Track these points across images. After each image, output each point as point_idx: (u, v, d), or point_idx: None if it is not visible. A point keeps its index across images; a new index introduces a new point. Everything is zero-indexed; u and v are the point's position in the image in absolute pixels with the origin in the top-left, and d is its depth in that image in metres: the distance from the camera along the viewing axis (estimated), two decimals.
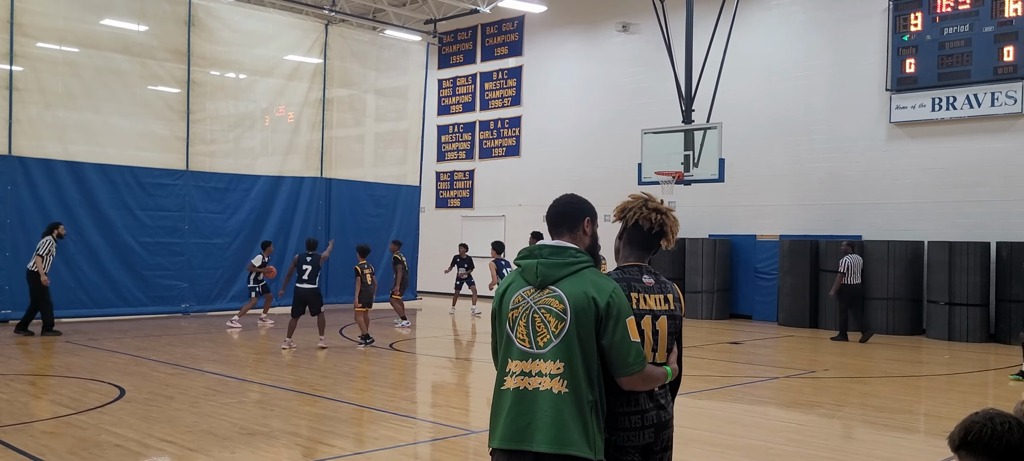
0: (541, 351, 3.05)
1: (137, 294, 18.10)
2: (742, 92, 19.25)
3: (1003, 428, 2.43)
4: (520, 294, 3.15)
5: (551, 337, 3.05)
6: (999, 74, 16.28)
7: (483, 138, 25.87)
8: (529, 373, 3.06)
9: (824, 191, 18.78)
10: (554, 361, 3.03)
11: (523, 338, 3.10)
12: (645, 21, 20.68)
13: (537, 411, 3.01)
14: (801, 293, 18.19)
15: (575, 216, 3.28)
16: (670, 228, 3.48)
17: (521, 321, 3.11)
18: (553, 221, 3.30)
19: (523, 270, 3.19)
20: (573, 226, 3.27)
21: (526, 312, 3.11)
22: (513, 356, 3.11)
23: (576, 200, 3.36)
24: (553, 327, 3.05)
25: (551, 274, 3.12)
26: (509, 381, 3.10)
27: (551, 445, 2.97)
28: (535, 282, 3.13)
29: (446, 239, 26.34)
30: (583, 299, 3.05)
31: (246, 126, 20.16)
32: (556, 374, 3.02)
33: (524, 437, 3.01)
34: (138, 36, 18.12)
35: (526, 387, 3.05)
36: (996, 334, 15.97)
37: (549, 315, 3.06)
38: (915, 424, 9.42)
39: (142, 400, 9.15)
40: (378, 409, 9.19)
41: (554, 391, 3.00)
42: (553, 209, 3.33)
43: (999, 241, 16.11)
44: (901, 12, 17.50)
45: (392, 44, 23.60)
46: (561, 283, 3.10)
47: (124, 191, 17.85)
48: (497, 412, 3.12)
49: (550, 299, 3.08)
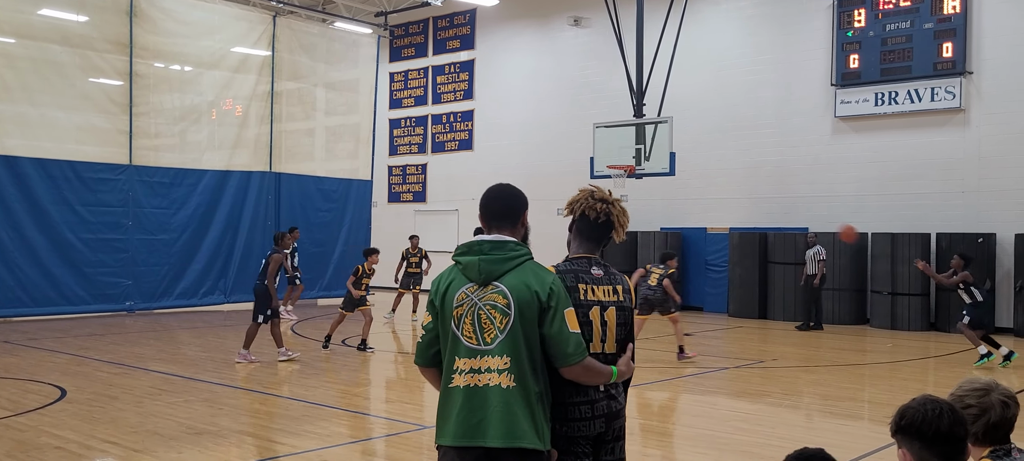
0: (489, 347, 3.07)
1: (79, 292, 17.63)
2: (692, 86, 19.45)
3: (934, 413, 2.52)
4: (463, 291, 3.13)
5: (497, 333, 3.06)
6: (939, 70, 16.68)
7: (435, 132, 25.75)
8: (478, 370, 3.07)
9: (772, 184, 19.07)
10: (501, 356, 3.05)
11: (470, 336, 3.09)
12: (596, 15, 20.75)
13: (488, 407, 3.03)
14: (751, 285, 18.47)
15: (517, 210, 3.28)
16: (617, 218, 3.48)
17: (467, 319, 3.10)
18: (494, 215, 3.26)
19: (464, 267, 3.16)
20: (513, 221, 3.26)
21: (471, 309, 3.11)
22: (461, 354, 3.10)
23: (515, 194, 3.32)
24: (499, 323, 3.06)
25: (494, 270, 3.12)
26: (458, 379, 3.10)
27: (503, 439, 3.00)
28: (478, 279, 3.13)
29: (399, 234, 26.17)
30: (526, 292, 3.07)
31: (192, 119, 19.75)
32: (503, 369, 3.04)
33: (476, 433, 3.03)
34: (77, 27, 17.61)
35: (476, 384, 3.06)
36: (936, 322, 16.39)
37: (494, 311, 3.08)
38: (859, 411, 9.62)
39: (84, 401, 8.93)
40: (330, 406, 9.09)
41: (503, 386, 3.03)
42: (492, 203, 3.28)
43: (939, 232, 16.53)
44: (845, 8, 17.83)
45: (342, 37, 23.34)
46: (503, 278, 3.11)
47: (64, 186, 17.37)
48: (447, 409, 3.13)
49: (494, 295, 3.09)
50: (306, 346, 13.78)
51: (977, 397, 2.82)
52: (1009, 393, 2.84)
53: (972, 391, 2.84)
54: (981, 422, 2.77)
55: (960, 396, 2.85)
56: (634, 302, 3.49)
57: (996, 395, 2.81)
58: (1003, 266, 16.03)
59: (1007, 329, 15.81)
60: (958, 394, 2.86)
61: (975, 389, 2.85)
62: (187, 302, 19.10)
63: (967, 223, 16.39)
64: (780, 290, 18.13)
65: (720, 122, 19.67)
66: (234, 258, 19.94)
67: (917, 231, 16.66)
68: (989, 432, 2.78)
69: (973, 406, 2.80)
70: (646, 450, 7.11)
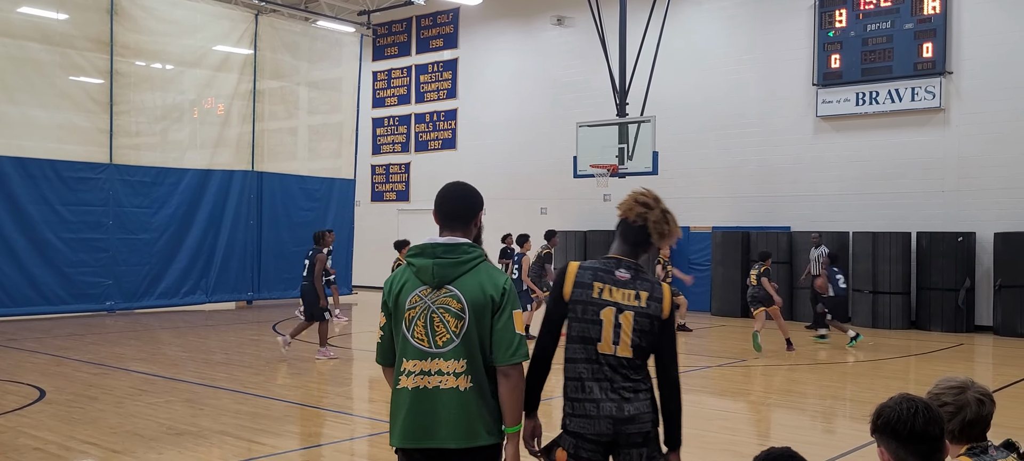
0: (440, 350, 3.08)
1: (59, 292, 17.48)
2: (675, 86, 19.51)
3: (909, 412, 2.54)
4: (417, 294, 3.13)
5: (451, 337, 3.08)
6: (919, 70, 16.82)
7: (419, 131, 25.70)
8: (428, 372, 3.08)
9: (755, 183, 19.16)
10: (457, 360, 3.07)
11: (421, 338, 3.10)
12: (579, 14, 20.78)
13: (439, 409, 3.06)
14: (733, 283, 18.54)
15: (472, 211, 3.27)
16: (653, 223, 3.35)
17: (419, 321, 3.11)
18: (447, 215, 3.26)
19: (417, 270, 3.15)
20: (467, 221, 3.26)
21: (424, 312, 3.11)
22: (409, 355, 3.12)
23: (470, 194, 3.32)
24: (453, 327, 3.08)
25: (447, 274, 3.12)
26: (406, 380, 3.12)
27: (460, 441, 3.05)
28: (431, 282, 3.12)
29: (382, 233, 26.11)
30: (480, 296, 3.09)
31: (173, 118, 19.61)
32: (460, 372, 3.07)
33: (425, 435, 3.08)
34: (57, 25, 17.46)
35: (425, 386, 3.08)
36: (917, 321, 16.52)
37: (448, 315, 3.09)
38: (841, 409, 9.68)
39: (63, 401, 8.85)
40: (312, 406, 9.06)
41: (460, 389, 3.06)
42: (447, 204, 3.28)
43: (920, 231, 16.67)
44: (826, 9, 17.94)
45: (325, 35, 23.25)
46: (457, 281, 3.11)
47: (44, 185, 17.21)
48: (396, 411, 3.16)
49: (448, 299, 3.10)
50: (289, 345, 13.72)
51: (953, 395, 2.84)
52: (985, 391, 2.86)
53: (949, 389, 2.86)
54: (958, 419, 2.79)
55: (937, 394, 2.87)
56: (666, 312, 3.31)
57: (972, 393, 2.84)
58: (982, 265, 16.18)
59: (986, 327, 15.96)
60: (935, 392, 2.88)
61: (951, 387, 2.87)
62: (168, 302, 18.98)
63: (947, 222, 16.53)
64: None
65: (703, 121, 19.74)
66: (216, 258, 19.83)
67: (898, 230, 16.79)
68: (965, 429, 2.80)
69: (949, 404, 2.82)
70: None
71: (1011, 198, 16.01)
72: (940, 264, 16.11)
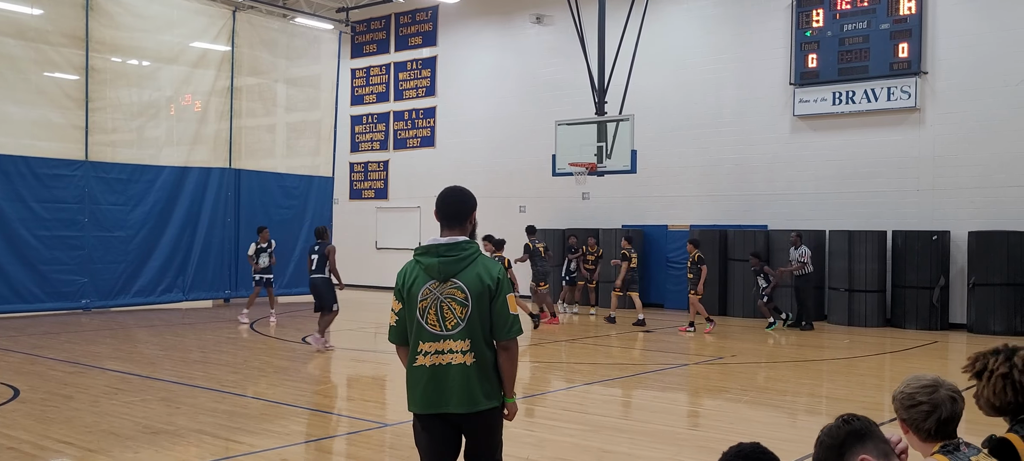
0: (449, 333, 3.78)
1: (33, 290, 17.28)
2: (654, 85, 19.59)
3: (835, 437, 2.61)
4: (427, 288, 3.80)
5: (458, 321, 3.77)
6: (895, 70, 16.99)
7: (397, 129, 25.64)
8: (441, 351, 3.79)
9: (732, 182, 19.28)
10: (463, 340, 3.77)
11: (434, 323, 3.79)
12: (559, 13, 20.82)
13: (449, 381, 3.77)
14: (711, 282, 18.52)
15: (466, 211, 3.92)
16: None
17: (431, 310, 3.79)
18: (447, 216, 3.91)
19: (425, 267, 3.81)
20: (463, 220, 3.91)
21: (434, 302, 3.79)
22: (425, 338, 3.81)
23: (465, 198, 3.94)
24: (458, 313, 3.77)
25: (451, 269, 3.79)
26: (423, 359, 3.81)
27: (465, 406, 3.77)
28: (438, 277, 3.79)
29: (361, 231, 26.03)
30: (479, 285, 3.77)
31: (150, 115, 19.44)
32: (466, 350, 3.77)
33: (439, 402, 3.80)
34: (32, 20, 17.25)
35: (438, 363, 3.79)
36: (892, 319, 16.70)
37: (454, 303, 3.78)
38: (817, 406, 9.76)
39: (38, 400, 8.76)
40: (290, 404, 9.02)
41: (466, 364, 3.77)
42: (445, 206, 3.92)
43: (895, 230, 16.85)
44: (804, 8, 18.08)
45: (303, 32, 23.12)
46: (460, 275, 3.78)
47: (18, 182, 17.01)
48: (413, 384, 3.86)
49: (453, 290, 3.77)
50: (267, 344, 13.66)
51: (927, 394, 2.84)
52: (954, 388, 2.88)
53: (921, 389, 2.87)
54: (933, 418, 2.79)
55: (909, 394, 2.87)
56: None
57: (944, 391, 2.85)
58: (957, 263, 16.38)
59: (961, 325, 16.16)
60: (907, 392, 2.88)
61: (924, 386, 2.87)
62: (145, 300, 18.83)
63: (922, 221, 16.72)
64: (740, 287, 18.34)
65: (681, 120, 19.84)
66: (193, 255, 19.69)
67: (873, 229, 16.96)
68: (940, 428, 2.81)
69: (924, 403, 2.83)
70: (606, 446, 7.16)
71: (985, 197, 16.22)
72: (915, 262, 16.29)
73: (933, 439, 2.81)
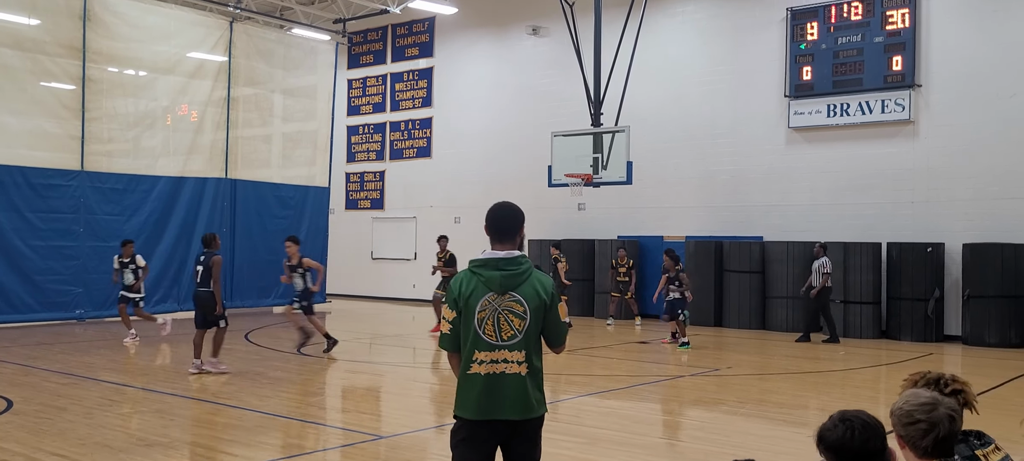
0: (505, 344, 3.93)
1: (27, 300, 17.23)
2: (649, 96, 19.65)
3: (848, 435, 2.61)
4: (486, 299, 3.93)
5: (515, 333, 3.93)
6: (889, 82, 17.07)
7: (394, 139, 25.67)
8: (496, 361, 3.93)
9: (728, 193, 19.32)
10: (519, 351, 3.93)
11: (491, 334, 3.92)
12: (555, 24, 20.87)
13: (504, 389, 3.93)
14: (707, 293, 18.66)
15: (517, 228, 4.08)
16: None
17: (488, 321, 3.93)
18: (501, 232, 4.04)
19: (486, 279, 3.94)
20: (515, 235, 4.06)
21: (493, 314, 3.93)
22: (481, 348, 3.93)
23: (516, 213, 4.09)
24: (516, 325, 3.93)
25: (511, 283, 3.94)
26: (477, 367, 3.94)
27: (519, 413, 3.95)
28: (498, 290, 3.93)
29: (356, 241, 26.02)
30: (536, 299, 3.95)
31: (146, 125, 19.42)
32: (521, 361, 3.93)
33: (494, 409, 3.93)
34: (29, 31, 17.25)
35: (493, 372, 3.92)
36: (887, 330, 16.73)
37: (512, 316, 3.93)
38: (812, 419, 9.75)
39: (31, 412, 8.73)
40: (284, 416, 9.00)
41: (521, 374, 3.93)
42: (500, 222, 4.06)
43: (889, 242, 16.88)
44: (798, 22, 18.16)
45: (300, 43, 23.15)
46: (519, 288, 3.94)
47: (13, 192, 16.97)
48: (467, 390, 3.97)
49: (512, 303, 3.93)
50: (261, 355, 13.63)
51: (925, 412, 2.82)
52: (954, 406, 2.86)
53: (920, 406, 2.84)
54: (931, 437, 2.77)
55: (908, 411, 2.85)
56: None
57: (943, 410, 2.83)
58: (951, 275, 16.42)
59: (955, 337, 16.19)
60: (906, 409, 2.86)
61: (922, 404, 2.85)
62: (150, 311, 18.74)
63: (916, 233, 16.76)
64: (735, 298, 18.36)
65: (676, 132, 19.88)
66: (188, 266, 19.63)
67: (868, 240, 17.00)
68: (938, 445, 2.79)
69: (922, 421, 2.81)
70: (602, 459, 7.16)
71: (979, 209, 16.27)
72: (910, 274, 16.33)
73: (930, 457, 2.80)
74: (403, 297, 24.63)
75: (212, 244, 11.65)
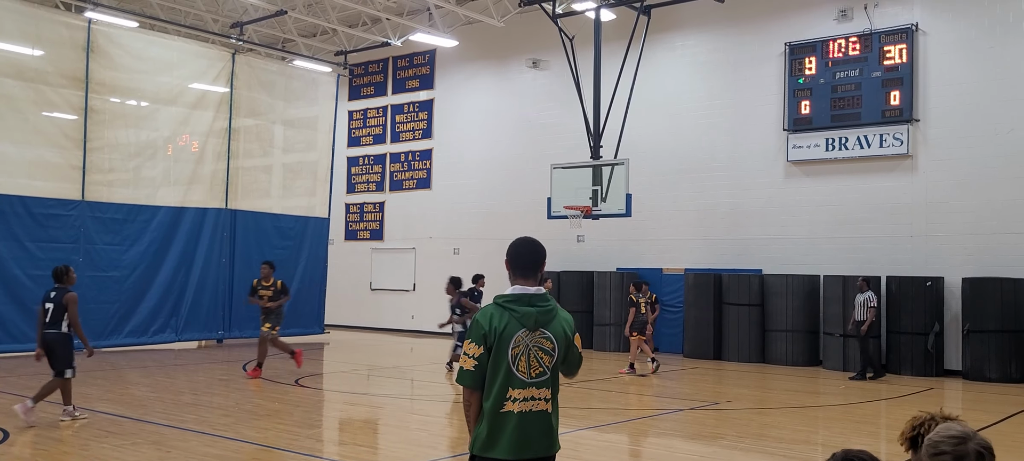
0: (534, 381, 3.93)
1: (25, 330, 17.08)
2: (648, 129, 19.74)
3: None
4: (519, 336, 3.91)
5: (544, 370, 3.94)
6: (887, 117, 17.16)
7: (394, 170, 25.74)
8: (528, 398, 3.92)
9: (726, 226, 19.35)
10: (546, 388, 3.96)
11: (523, 371, 3.91)
12: (555, 58, 21.02)
13: (535, 427, 3.93)
14: (705, 325, 18.63)
15: (541, 262, 4.10)
16: None
17: (522, 358, 3.91)
18: (526, 267, 4.02)
19: (520, 316, 3.93)
20: (538, 271, 4.07)
21: (526, 350, 3.92)
22: (514, 385, 3.90)
23: (540, 248, 4.10)
24: (545, 362, 3.94)
25: (543, 319, 3.96)
26: (511, 405, 3.90)
27: (546, 450, 3.97)
28: (532, 326, 3.92)
29: (355, 272, 25.99)
30: (564, 336, 3.99)
31: (147, 155, 19.48)
32: (548, 398, 3.96)
33: (526, 448, 3.91)
34: (32, 61, 17.35)
35: (526, 410, 3.90)
36: (887, 364, 16.67)
37: (542, 353, 3.94)
38: (812, 454, 9.71)
39: (28, 443, 8.68)
40: (282, 448, 8.94)
41: (548, 411, 3.96)
42: (526, 257, 4.05)
43: (888, 275, 16.88)
44: (796, 56, 18.30)
45: (301, 75, 23.30)
46: (549, 325, 3.96)
47: (13, 221, 16.98)
48: (498, 428, 3.90)
49: (542, 340, 3.94)
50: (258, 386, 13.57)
51: (952, 445, 2.76)
52: (985, 443, 2.79)
53: (948, 438, 2.78)
54: None
55: (936, 442, 2.79)
56: None
57: (973, 445, 2.76)
58: (951, 310, 16.40)
59: (956, 372, 16.14)
60: (935, 439, 2.80)
61: (951, 436, 2.78)
62: (137, 340, 18.72)
63: (915, 267, 16.77)
64: (735, 331, 18.32)
65: (675, 165, 19.95)
66: (187, 295, 19.63)
67: (867, 274, 16.98)
68: None
69: (947, 454, 2.75)
70: None
71: (977, 244, 16.29)
72: (909, 308, 16.31)
73: None
74: (402, 328, 24.58)
75: (65, 278, 10.16)
